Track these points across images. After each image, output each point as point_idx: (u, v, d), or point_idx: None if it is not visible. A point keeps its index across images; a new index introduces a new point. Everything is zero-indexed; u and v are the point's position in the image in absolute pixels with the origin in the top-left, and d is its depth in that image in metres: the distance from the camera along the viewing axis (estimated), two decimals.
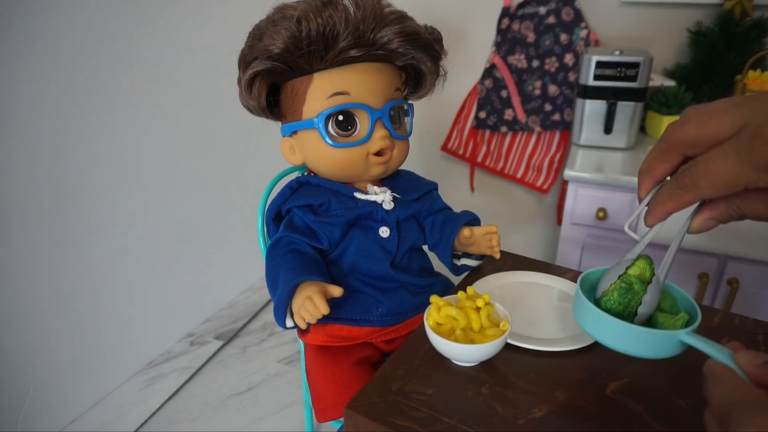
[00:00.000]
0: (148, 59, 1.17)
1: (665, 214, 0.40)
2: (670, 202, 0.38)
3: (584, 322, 0.45)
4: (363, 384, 0.49)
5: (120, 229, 1.18)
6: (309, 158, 0.70)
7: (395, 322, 0.70)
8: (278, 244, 0.67)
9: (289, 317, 0.61)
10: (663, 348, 0.42)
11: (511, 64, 1.42)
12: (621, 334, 0.42)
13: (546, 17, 1.34)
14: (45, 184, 1.01)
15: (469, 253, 0.72)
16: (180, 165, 1.31)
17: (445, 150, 1.59)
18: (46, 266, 1.04)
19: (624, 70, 1.11)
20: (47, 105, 0.99)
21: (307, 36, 0.60)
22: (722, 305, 1.08)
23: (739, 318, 0.59)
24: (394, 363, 0.52)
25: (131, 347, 1.28)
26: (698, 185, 0.36)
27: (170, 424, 1.17)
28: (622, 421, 0.44)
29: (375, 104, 0.65)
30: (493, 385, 0.49)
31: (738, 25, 1.15)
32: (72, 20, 1.00)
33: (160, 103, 1.22)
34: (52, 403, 1.10)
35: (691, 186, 0.36)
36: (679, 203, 0.38)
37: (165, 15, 1.19)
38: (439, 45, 0.71)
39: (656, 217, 0.41)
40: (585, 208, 1.12)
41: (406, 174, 0.78)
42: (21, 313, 1.01)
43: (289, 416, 1.18)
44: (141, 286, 1.26)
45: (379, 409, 0.45)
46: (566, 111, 1.39)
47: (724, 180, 0.34)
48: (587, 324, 0.45)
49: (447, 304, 0.52)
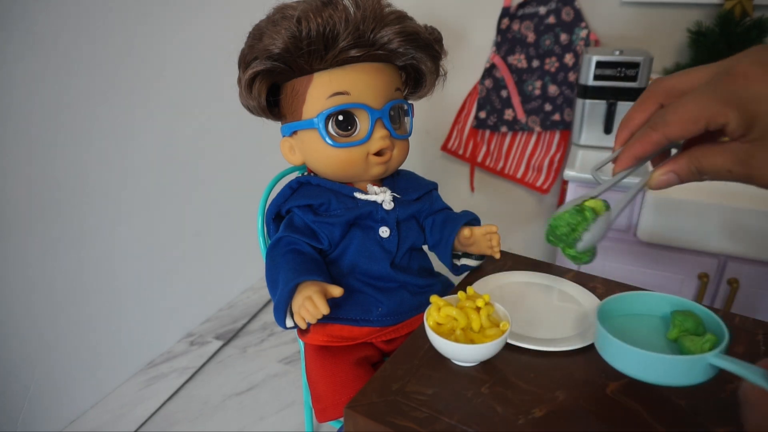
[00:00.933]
0: (149, 59, 1.17)
1: (633, 157, 0.40)
2: (638, 142, 0.39)
3: (606, 354, 0.44)
4: (363, 384, 0.49)
5: (120, 229, 1.18)
6: (309, 158, 0.70)
7: (395, 322, 0.70)
8: (278, 244, 0.67)
9: (289, 317, 0.61)
10: (692, 374, 0.40)
11: (511, 64, 1.42)
12: (645, 364, 0.41)
13: (546, 17, 1.34)
14: (45, 183, 1.01)
15: (469, 253, 0.72)
16: (180, 165, 1.31)
17: (445, 150, 1.59)
18: (45, 266, 1.04)
19: (624, 70, 1.11)
20: (47, 104, 0.99)
21: (307, 36, 0.60)
22: (722, 305, 1.08)
23: (739, 318, 0.59)
24: (394, 363, 0.52)
25: (131, 347, 1.28)
26: (666, 121, 0.37)
27: (170, 424, 1.17)
28: (622, 421, 0.44)
29: (375, 104, 0.65)
30: (493, 385, 0.49)
31: (738, 25, 1.15)
32: (72, 20, 1.00)
33: (160, 102, 1.22)
34: (52, 403, 1.10)
35: (660, 123, 0.37)
36: (647, 143, 0.39)
37: (165, 15, 1.19)
38: (439, 45, 0.71)
39: (624, 163, 0.41)
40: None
41: (406, 174, 0.78)
42: (21, 313, 1.01)
43: (289, 416, 1.18)
44: (141, 286, 1.26)
45: (379, 409, 0.45)
46: (566, 111, 1.39)
47: (691, 113, 0.35)
48: (609, 355, 0.44)
49: (447, 304, 0.52)
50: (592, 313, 0.59)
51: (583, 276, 0.67)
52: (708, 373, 0.40)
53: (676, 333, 0.46)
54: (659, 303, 0.49)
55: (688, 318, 0.45)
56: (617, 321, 0.48)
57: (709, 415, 0.44)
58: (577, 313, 0.60)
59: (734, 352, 0.53)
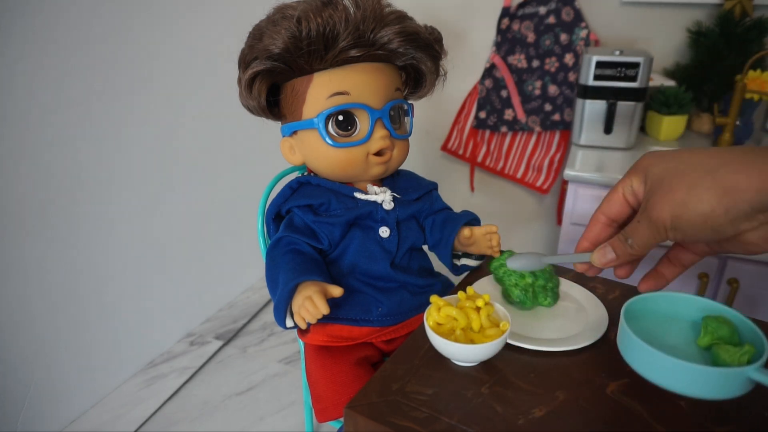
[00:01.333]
0: (149, 59, 1.17)
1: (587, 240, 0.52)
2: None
3: (632, 359, 0.42)
4: (363, 384, 0.49)
5: (120, 229, 1.18)
6: (309, 158, 0.70)
7: (395, 322, 0.70)
8: (278, 244, 0.67)
9: (289, 317, 0.61)
10: (727, 387, 0.38)
11: (511, 64, 1.42)
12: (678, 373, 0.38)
13: (546, 17, 1.34)
14: (45, 183, 1.01)
15: (469, 253, 0.72)
16: (180, 165, 1.31)
17: (445, 150, 1.59)
18: (45, 266, 1.04)
19: (624, 70, 1.11)
20: (46, 104, 0.99)
21: (307, 36, 0.60)
22: None
23: None
24: (394, 363, 0.52)
25: (131, 347, 1.28)
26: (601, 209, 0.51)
27: (170, 424, 1.17)
28: (622, 421, 0.44)
29: (375, 104, 0.65)
30: (493, 385, 0.49)
31: (738, 25, 1.15)
32: (72, 19, 1.00)
33: (160, 102, 1.22)
34: (52, 403, 1.10)
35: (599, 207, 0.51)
36: (595, 222, 0.52)
37: (164, 14, 1.19)
38: (439, 45, 0.71)
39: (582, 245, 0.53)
40: (585, 208, 1.12)
41: (406, 174, 0.78)
42: (21, 313, 1.01)
43: (289, 416, 1.18)
44: (141, 286, 1.26)
45: (379, 409, 0.45)
46: (566, 111, 1.39)
47: (614, 192, 0.49)
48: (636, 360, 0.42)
49: (447, 304, 0.52)
50: (591, 313, 0.59)
51: (584, 276, 0.67)
52: (745, 387, 0.38)
53: (709, 340, 0.43)
54: (689, 306, 0.47)
55: (722, 325, 0.43)
56: (643, 322, 0.46)
57: (710, 415, 0.44)
58: (577, 313, 0.60)
59: None
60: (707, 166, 0.40)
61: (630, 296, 0.61)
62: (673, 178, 0.42)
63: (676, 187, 0.41)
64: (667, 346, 0.41)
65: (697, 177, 0.40)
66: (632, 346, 0.42)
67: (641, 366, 0.42)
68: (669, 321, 0.47)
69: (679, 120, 1.18)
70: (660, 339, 0.44)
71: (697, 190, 0.40)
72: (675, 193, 0.41)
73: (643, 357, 0.41)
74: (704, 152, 0.42)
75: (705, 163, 0.40)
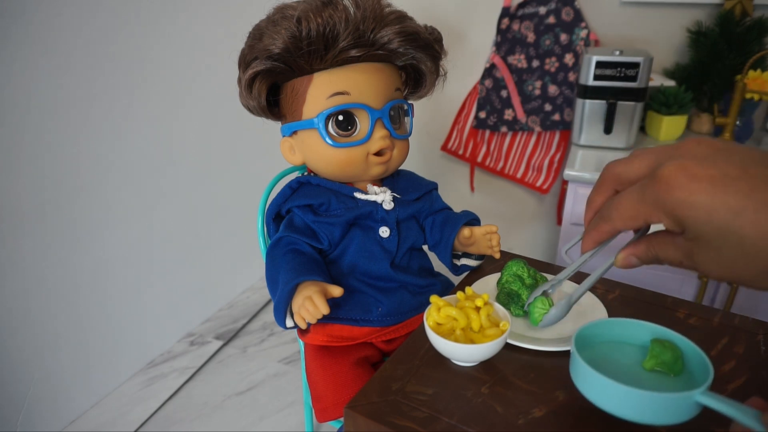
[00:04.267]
0: (148, 59, 1.17)
1: (593, 242, 0.43)
2: (594, 231, 0.42)
3: (580, 384, 0.42)
4: (363, 384, 0.49)
5: (120, 228, 1.18)
6: (309, 158, 0.70)
7: (395, 322, 0.70)
8: (278, 244, 0.67)
9: (289, 317, 0.61)
10: (673, 412, 0.37)
11: (511, 64, 1.42)
12: (622, 399, 0.38)
13: (546, 17, 1.34)
14: (45, 183, 1.01)
15: (469, 253, 0.72)
16: (180, 165, 1.31)
17: (445, 150, 1.59)
18: (45, 266, 1.04)
19: (624, 70, 1.11)
20: (46, 104, 0.99)
21: (307, 36, 0.61)
22: (722, 305, 1.08)
23: (739, 318, 0.59)
24: (394, 363, 0.52)
25: (131, 347, 1.28)
26: (611, 217, 0.39)
27: (170, 424, 1.17)
28: (622, 421, 0.44)
29: (375, 104, 0.66)
30: (493, 385, 0.49)
31: (738, 25, 1.15)
32: (72, 19, 1.00)
33: (160, 102, 1.22)
34: (52, 403, 1.10)
35: (607, 217, 0.40)
36: (599, 232, 0.41)
37: (164, 14, 1.18)
38: (439, 45, 0.71)
39: (587, 245, 0.43)
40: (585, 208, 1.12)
41: (406, 174, 0.78)
42: (21, 313, 1.01)
43: (289, 416, 1.18)
44: (141, 285, 1.26)
45: (379, 409, 0.45)
46: (566, 111, 1.39)
47: (628, 212, 0.38)
48: (583, 386, 0.42)
49: (447, 304, 0.52)
50: (591, 313, 0.59)
51: (583, 276, 0.67)
52: (692, 411, 0.38)
53: (652, 363, 0.43)
54: (639, 331, 0.46)
55: (666, 350, 0.43)
56: (597, 349, 0.46)
57: (709, 415, 0.44)
58: (577, 313, 0.60)
59: (734, 352, 0.53)
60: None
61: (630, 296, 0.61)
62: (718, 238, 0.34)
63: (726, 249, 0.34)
64: (617, 372, 0.40)
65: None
66: (580, 372, 0.41)
67: (590, 393, 0.41)
68: (621, 346, 0.47)
69: (679, 120, 1.18)
70: (611, 365, 0.44)
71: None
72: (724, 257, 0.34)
73: (590, 383, 0.41)
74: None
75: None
